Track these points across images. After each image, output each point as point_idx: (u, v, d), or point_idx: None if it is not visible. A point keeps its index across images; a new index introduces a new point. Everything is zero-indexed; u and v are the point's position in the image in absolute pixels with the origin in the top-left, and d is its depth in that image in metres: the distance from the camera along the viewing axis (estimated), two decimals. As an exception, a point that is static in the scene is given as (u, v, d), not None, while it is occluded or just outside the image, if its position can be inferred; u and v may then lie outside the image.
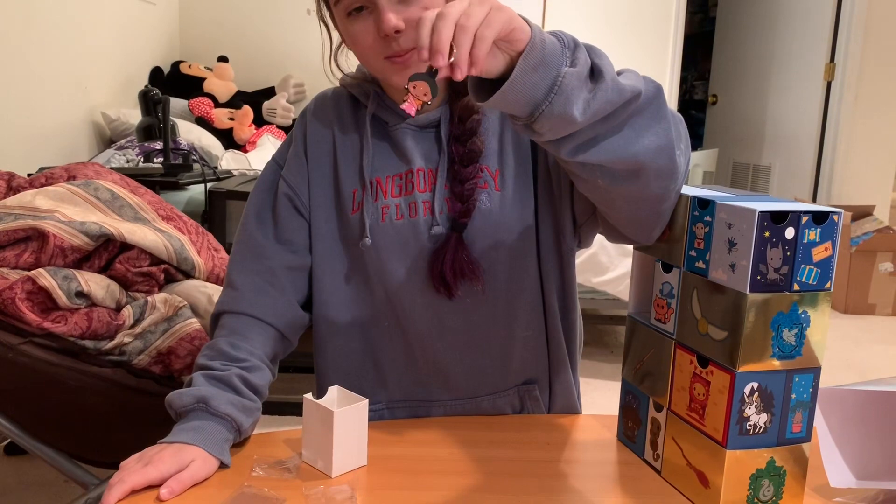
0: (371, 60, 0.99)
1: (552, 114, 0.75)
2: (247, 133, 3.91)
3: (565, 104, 0.75)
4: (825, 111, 4.86)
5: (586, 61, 0.76)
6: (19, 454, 2.22)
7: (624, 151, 0.81)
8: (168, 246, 1.43)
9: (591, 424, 1.08)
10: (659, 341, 0.92)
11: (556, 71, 0.74)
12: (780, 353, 0.80)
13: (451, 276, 1.01)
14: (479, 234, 1.02)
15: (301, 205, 1.09)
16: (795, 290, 0.79)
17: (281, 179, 1.10)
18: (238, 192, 2.44)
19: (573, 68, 0.75)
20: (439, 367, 1.08)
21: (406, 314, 1.06)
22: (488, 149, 1.04)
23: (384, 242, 1.04)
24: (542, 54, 0.74)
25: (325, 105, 1.12)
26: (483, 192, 1.02)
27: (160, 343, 1.34)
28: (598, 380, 3.02)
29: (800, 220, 0.78)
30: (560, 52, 0.75)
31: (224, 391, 0.96)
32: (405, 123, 1.05)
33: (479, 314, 1.05)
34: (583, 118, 0.76)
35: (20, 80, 2.73)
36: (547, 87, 0.74)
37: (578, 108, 0.75)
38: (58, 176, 1.54)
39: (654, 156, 0.82)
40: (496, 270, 1.04)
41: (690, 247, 0.86)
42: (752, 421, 0.81)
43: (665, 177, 0.85)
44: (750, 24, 5.50)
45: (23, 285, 1.25)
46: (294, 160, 1.10)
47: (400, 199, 1.04)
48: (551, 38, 0.76)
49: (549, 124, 0.76)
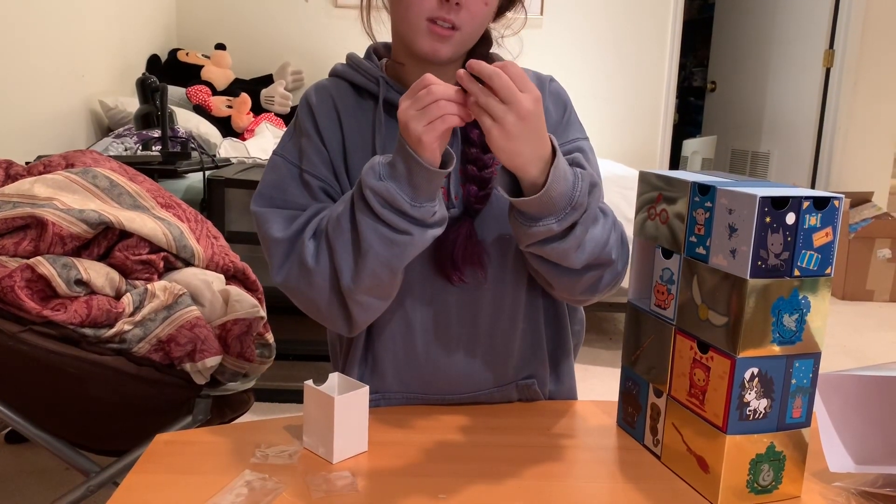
0: (413, 15, 0.96)
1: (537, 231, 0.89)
2: (245, 121, 3.89)
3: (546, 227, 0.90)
4: (824, 98, 4.85)
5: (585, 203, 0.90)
6: (20, 442, 2.22)
7: (558, 252, 0.93)
8: (167, 234, 1.43)
9: (591, 410, 1.08)
10: (659, 327, 0.92)
11: (569, 203, 0.89)
12: (781, 339, 0.80)
13: (461, 261, 1.00)
14: (493, 222, 1.02)
15: (336, 195, 1.03)
16: (796, 275, 0.79)
17: (308, 176, 1.01)
18: (237, 179, 2.43)
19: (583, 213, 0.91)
20: (440, 363, 1.06)
21: (413, 305, 1.04)
22: None
23: None
24: (558, 190, 0.88)
25: (327, 95, 1.06)
26: (495, 178, 1.01)
27: (160, 331, 1.34)
28: (596, 366, 3.02)
29: (801, 205, 0.78)
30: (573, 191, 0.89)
31: None
32: None
33: (486, 306, 1.04)
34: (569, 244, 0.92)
35: (17, 68, 2.72)
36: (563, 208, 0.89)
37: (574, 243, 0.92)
38: (56, 164, 1.54)
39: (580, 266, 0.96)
40: (506, 259, 1.03)
41: (691, 233, 0.86)
42: (752, 406, 0.81)
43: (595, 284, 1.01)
44: (749, 11, 5.48)
45: (22, 273, 1.25)
46: (315, 155, 1.02)
47: None
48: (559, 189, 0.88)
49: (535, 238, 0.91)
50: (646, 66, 4.67)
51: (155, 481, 0.85)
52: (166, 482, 0.85)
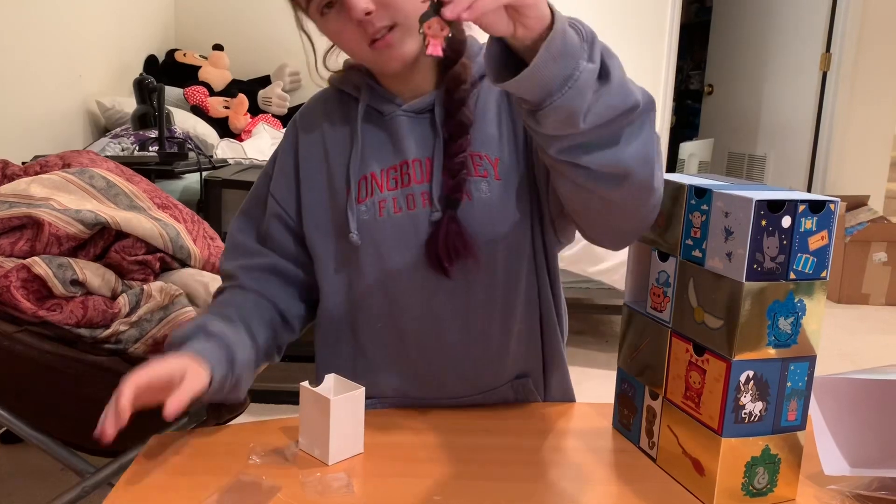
0: (357, 52, 0.98)
1: (561, 107, 0.74)
2: (242, 122, 3.89)
3: (575, 99, 0.74)
4: (821, 101, 4.86)
5: (599, 60, 0.75)
6: (15, 442, 2.22)
7: (613, 157, 0.81)
8: (164, 234, 1.42)
9: (587, 412, 1.08)
10: (655, 330, 0.92)
11: (574, 64, 0.73)
12: (776, 342, 0.80)
13: (445, 254, 0.98)
14: (478, 224, 1.00)
15: (292, 221, 1.08)
16: (791, 278, 0.79)
17: (269, 197, 1.09)
18: (234, 180, 2.43)
19: (591, 64, 0.74)
20: (435, 368, 1.06)
21: (404, 313, 1.04)
22: (487, 135, 1.01)
23: (382, 237, 1.02)
24: (563, 45, 0.72)
25: (315, 109, 1.10)
26: (483, 180, 1.00)
27: (156, 331, 1.34)
28: (592, 369, 3.03)
29: (796, 208, 0.78)
30: (579, 45, 0.74)
31: (222, 322, 0.98)
32: (400, 110, 1.02)
33: (479, 310, 1.03)
34: (585, 121, 0.76)
35: (14, 68, 2.71)
36: (563, 80, 0.73)
37: (584, 107, 0.75)
38: (52, 164, 1.54)
39: (638, 165, 0.83)
40: (496, 262, 1.02)
41: (687, 235, 0.86)
42: (748, 409, 0.81)
43: (644, 189, 0.85)
44: (746, 14, 5.49)
45: (18, 273, 1.25)
46: (281, 177, 1.09)
47: (397, 191, 1.02)
48: (570, 30, 0.74)
49: (555, 117, 0.75)
50: (643, 69, 4.67)
51: (150, 482, 0.85)
52: (162, 483, 0.85)
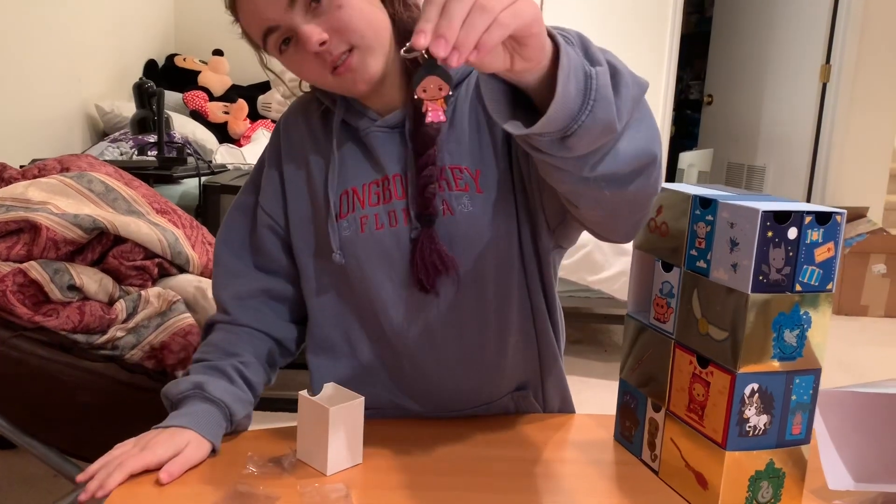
0: (322, 82, 0.95)
1: (595, 123, 0.68)
2: (241, 127, 3.88)
3: (607, 109, 0.68)
4: (820, 112, 4.86)
5: (603, 60, 0.71)
6: (8, 448, 2.20)
7: (635, 150, 0.77)
8: (162, 240, 1.41)
9: (588, 424, 1.07)
10: (658, 341, 0.91)
11: (583, 74, 0.68)
12: (781, 355, 0.79)
13: (424, 272, 0.97)
14: (464, 238, 0.98)
15: (282, 230, 1.07)
16: (797, 290, 0.78)
17: (259, 209, 1.07)
18: (233, 186, 2.42)
19: (599, 67, 0.69)
20: (430, 383, 1.04)
21: (394, 329, 1.02)
22: (465, 147, 0.98)
23: (365, 254, 1.00)
24: (568, 62, 0.66)
25: (296, 118, 1.08)
26: (464, 194, 0.97)
27: (153, 338, 1.33)
28: (591, 378, 3.01)
29: (803, 220, 0.77)
30: (579, 55, 0.69)
31: (219, 379, 0.98)
32: (375, 126, 1.00)
33: (471, 324, 1.01)
34: (620, 121, 0.71)
35: (13, 71, 2.71)
36: (581, 96, 0.67)
37: (614, 111, 0.69)
38: (51, 167, 1.53)
39: (654, 147, 0.79)
40: (485, 277, 1.00)
41: (691, 246, 0.85)
42: (752, 422, 0.80)
43: (660, 166, 0.82)
44: (746, 25, 5.50)
45: (14, 278, 1.24)
46: (268, 185, 1.07)
47: (379, 207, 0.99)
48: (567, 44, 0.68)
49: (589, 136, 0.69)
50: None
51: (145, 491, 0.84)
52: (157, 493, 0.84)
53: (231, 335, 1.05)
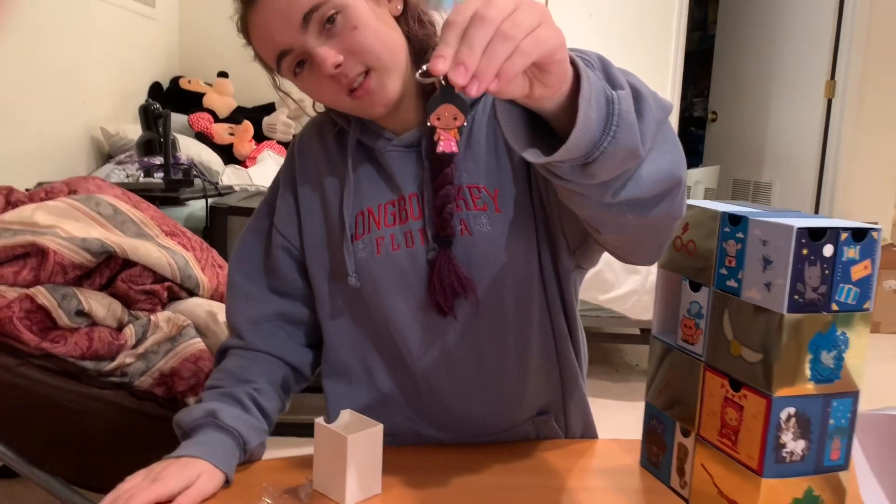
0: (339, 104, 0.94)
1: (617, 149, 0.65)
2: (247, 148, 3.87)
3: (630, 134, 0.65)
4: (826, 128, 4.84)
5: (625, 83, 0.68)
6: (11, 477, 2.16)
7: (659, 173, 0.74)
8: (172, 263, 1.39)
9: (612, 449, 1.04)
10: (687, 363, 0.88)
11: (605, 99, 0.65)
12: (818, 377, 0.76)
13: (441, 294, 0.94)
14: (482, 259, 0.95)
15: (297, 252, 1.05)
16: (834, 310, 0.76)
17: (274, 230, 1.06)
18: (240, 207, 2.41)
19: (622, 91, 0.66)
20: (449, 409, 1.02)
21: (411, 353, 0.99)
22: (483, 166, 0.96)
23: (381, 276, 0.98)
24: (589, 87, 0.64)
25: (310, 138, 1.06)
26: (482, 213, 0.95)
27: (163, 364, 1.30)
28: (604, 399, 2.97)
29: (839, 236, 0.75)
30: (597, 77, 0.67)
31: (233, 406, 0.95)
32: (390, 145, 0.98)
33: (490, 348, 0.99)
34: (644, 146, 0.68)
35: (19, 94, 2.70)
36: (603, 122, 0.65)
37: (638, 135, 0.67)
38: (58, 190, 1.51)
39: (678, 169, 0.76)
40: (504, 299, 0.97)
41: (721, 265, 0.83)
42: (789, 448, 0.77)
43: (684, 186, 0.79)
44: (749, 41, 5.50)
45: (21, 304, 1.21)
46: (283, 207, 1.06)
47: (395, 228, 0.97)
48: (587, 67, 0.66)
49: (611, 162, 0.66)
50: (648, 96, 4.66)
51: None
52: (170, 526, 0.81)
53: (245, 361, 1.02)
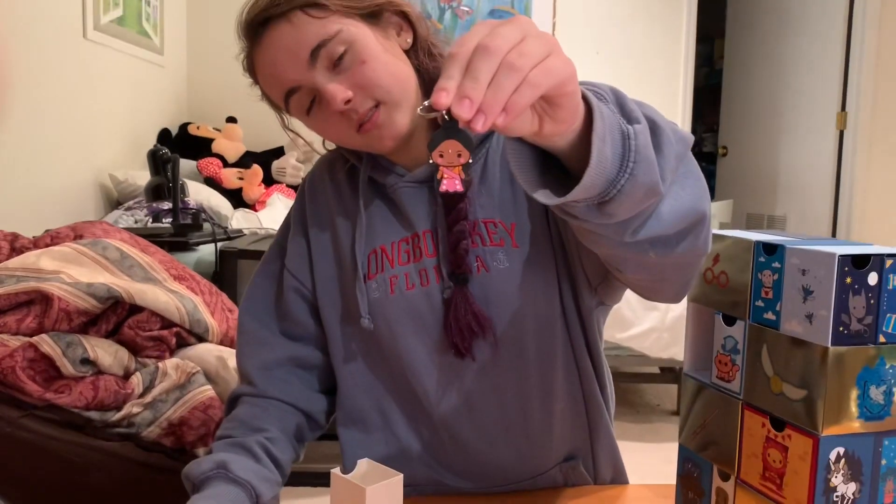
0: (348, 141, 0.92)
1: (636, 187, 0.62)
2: (256, 192, 3.87)
3: (649, 170, 0.62)
4: (839, 160, 4.81)
5: (642, 117, 0.64)
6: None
7: (681, 210, 0.70)
8: (180, 307, 1.35)
9: (645, 495, 0.98)
10: (723, 402, 0.83)
11: (620, 134, 0.61)
12: (868, 414, 0.71)
13: (458, 335, 0.90)
14: (500, 297, 0.91)
15: (309, 293, 1.02)
16: (881, 342, 0.71)
17: (286, 272, 1.03)
18: (250, 250, 2.39)
19: (638, 125, 0.63)
20: (471, 456, 0.97)
21: (429, 397, 0.95)
22: (499, 200, 0.93)
23: (396, 316, 0.94)
24: (602, 122, 0.60)
25: (321, 177, 1.04)
26: (499, 249, 0.91)
27: (171, 413, 1.26)
28: (626, 441, 2.90)
29: (883, 263, 0.70)
30: (611, 111, 0.63)
31: (244, 457, 0.91)
32: (402, 182, 0.95)
33: (512, 391, 0.94)
34: (664, 182, 0.64)
35: (26, 141, 2.70)
36: (619, 157, 0.61)
37: (658, 171, 0.63)
38: (64, 235, 1.48)
39: (702, 204, 0.72)
40: (524, 338, 0.93)
41: (757, 297, 0.78)
42: (840, 491, 0.72)
43: (709, 221, 0.76)
44: (757, 75, 5.50)
45: (24, 353, 1.18)
46: (294, 247, 1.03)
47: (409, 266, 0.94)
48: (600, 102, 0.62)
49: (630, 200, 0.63)
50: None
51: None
52: (178, 588, 0.76)
53: (256, 409, 0.98)
